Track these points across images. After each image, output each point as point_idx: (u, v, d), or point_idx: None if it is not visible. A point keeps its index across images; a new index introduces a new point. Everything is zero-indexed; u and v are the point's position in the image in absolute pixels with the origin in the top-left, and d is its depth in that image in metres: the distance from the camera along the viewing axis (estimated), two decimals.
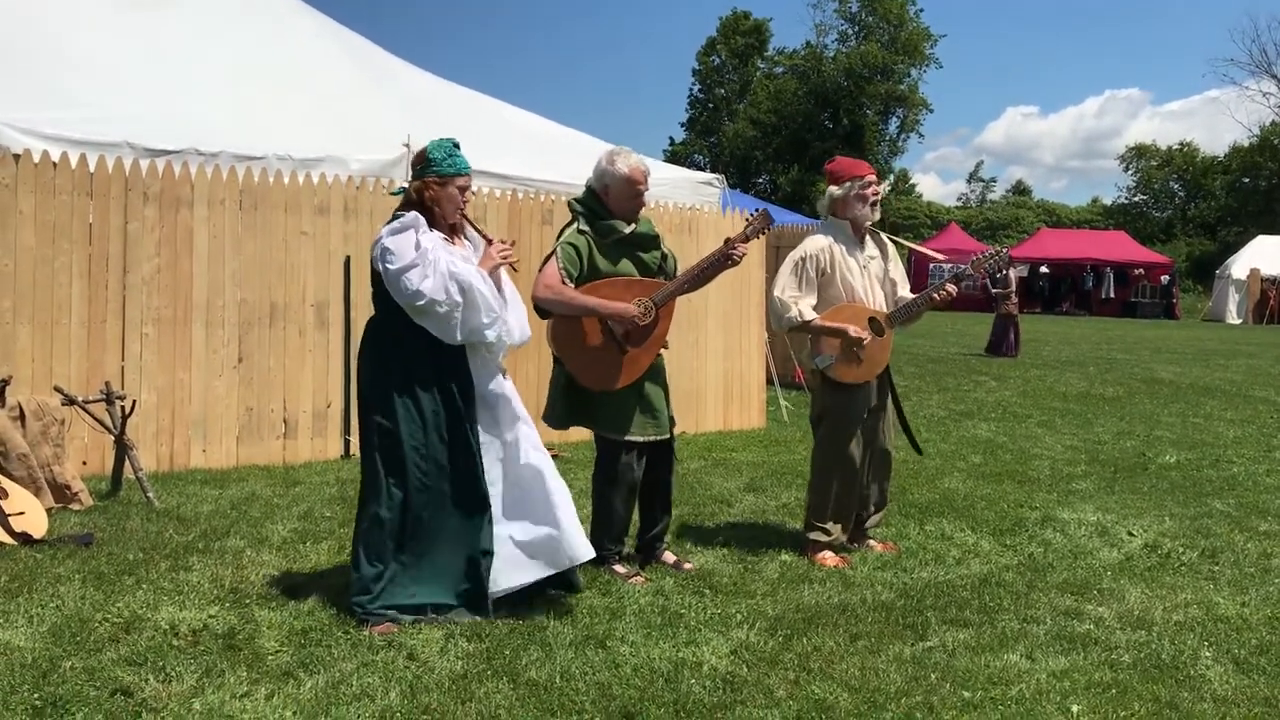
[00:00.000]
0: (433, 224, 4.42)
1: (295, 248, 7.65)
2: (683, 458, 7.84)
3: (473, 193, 4.75)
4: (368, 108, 9.47)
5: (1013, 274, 15.94)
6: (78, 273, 6.91)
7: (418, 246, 4.27)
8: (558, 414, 5.15)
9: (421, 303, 4.24)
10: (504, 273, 4.57)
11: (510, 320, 4.50)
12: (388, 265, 4.27)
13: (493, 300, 4.36)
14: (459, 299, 4.27)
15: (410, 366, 4.37)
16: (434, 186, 4.42)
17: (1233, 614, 4.76)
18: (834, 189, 5.48)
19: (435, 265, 4.24)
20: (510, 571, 4.45)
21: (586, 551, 4.49)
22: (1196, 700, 3.79)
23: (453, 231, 4.53)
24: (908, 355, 18.04)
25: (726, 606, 4.64)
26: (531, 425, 4.61)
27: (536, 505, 4.49)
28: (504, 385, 4.56)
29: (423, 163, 4.47)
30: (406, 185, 4.54)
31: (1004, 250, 5.72)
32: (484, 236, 4.59)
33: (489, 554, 4.42)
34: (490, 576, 4.42)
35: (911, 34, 55.42)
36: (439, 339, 4.34)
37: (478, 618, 4.35)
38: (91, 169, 6.97)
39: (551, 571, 4.50)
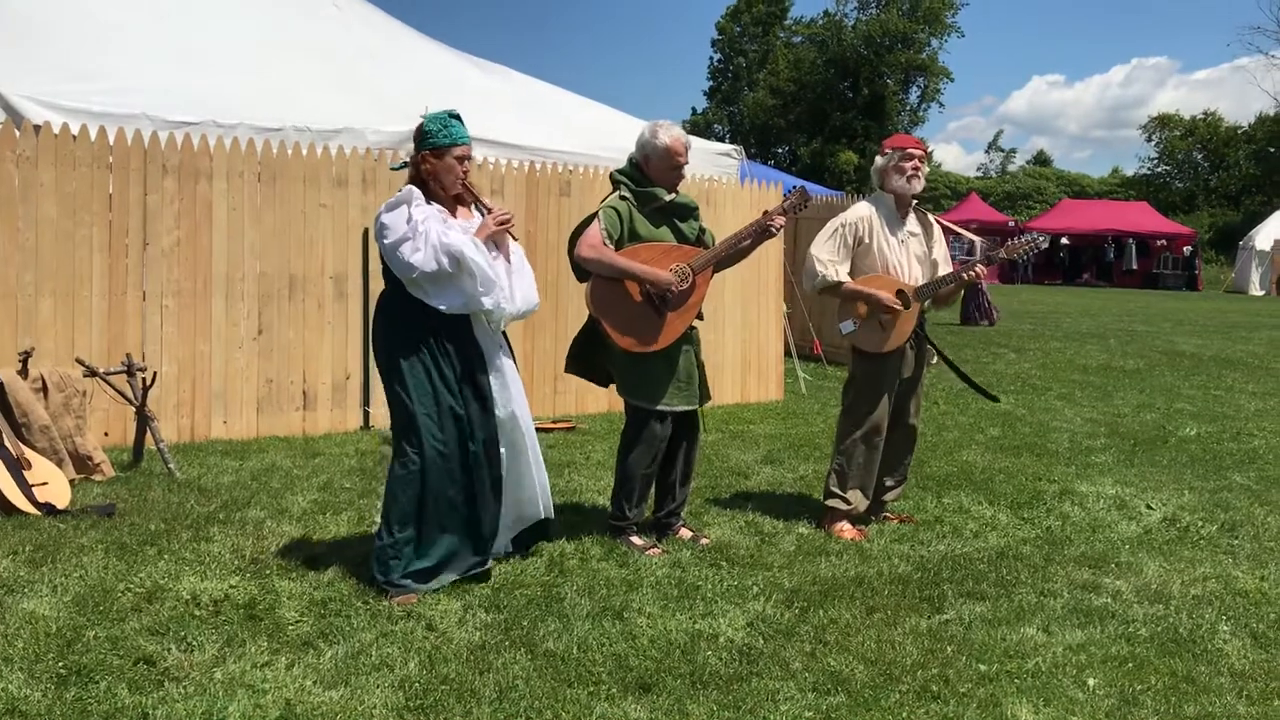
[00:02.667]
0: (434, 197, 4.47)
1: (314, 220, 7.66)
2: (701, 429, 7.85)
3: (473, 161, 4.79)
4: (385, 80, 9.45)
5: (978, 241, 15.63)
6: (98, 245, 6.94)
7: (409, 220, 4.32)
8: (579, 361, 5.27)
9: (414, 275, 4.31)
10: (512, 243, 4.61)
11: (515, 288, 4.54)
12: (383, 240, 4.36)
13: (487, 268, 4.38)
14: (451, 269, 4.31)
15: (420, 337, 4.42)
16: (430, 159, 4.46)
17: (1251, 588, 4.75)
18: (878, 159, 5.59)
19: (426, 237, 4.29)
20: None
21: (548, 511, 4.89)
22: (1214, 674, 3.79)
23: (458, 203, 4.57)
24: (929, 326, 17.95)
25: (743, 579, 4.66)
26: (525, 405, 4.76)
27: (524, 474, 4.75)
28: (505, 361, 4.65)
29: (420, 136, 4.51)
30: (408, 160, 4.58)
31: (1039, 237, 5.70)
32: (483, 206, 4.60)
33: (493, 532, 4.62)
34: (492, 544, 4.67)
35: (932, 2, 54.84)
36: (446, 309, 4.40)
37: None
38: (111, 141, 6.98)
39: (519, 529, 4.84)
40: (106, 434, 6.89)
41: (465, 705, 3.38)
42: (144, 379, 6.42)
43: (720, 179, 9.98)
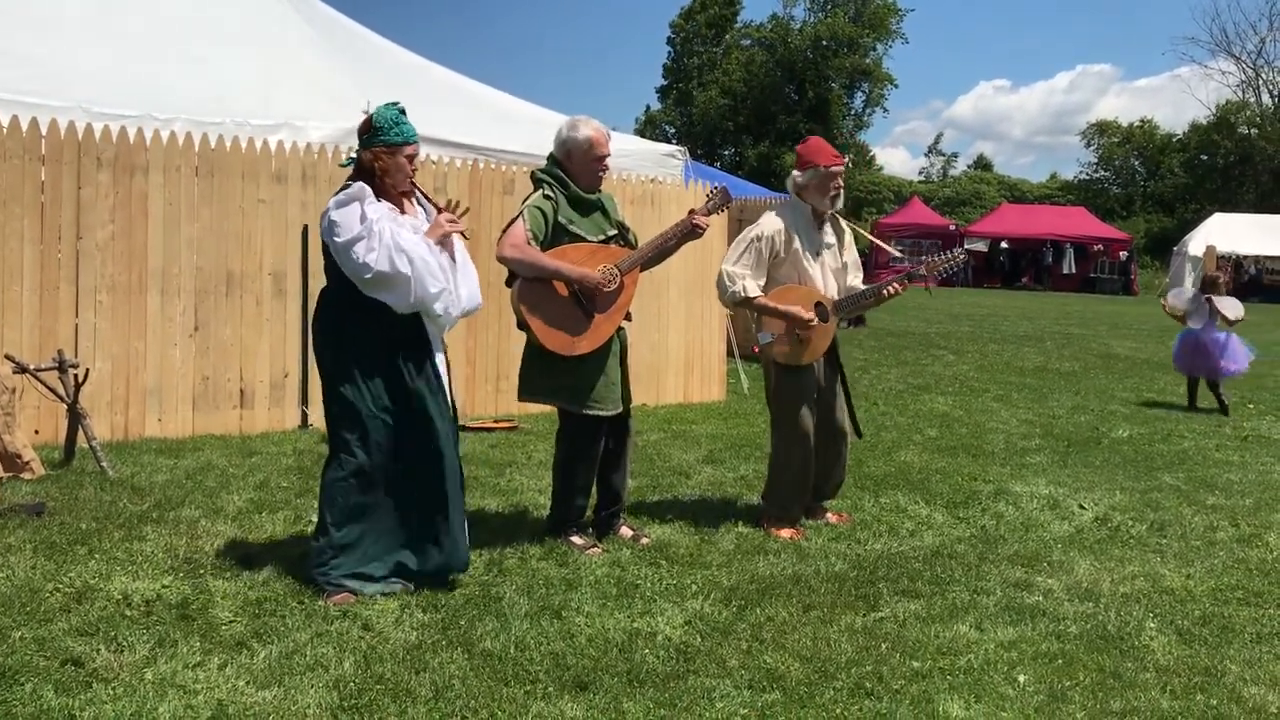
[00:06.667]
0: (382, 193, 4.37)
1: (252, 215, 7.57)
2: (643, 430, 7.86)
3: (421, 161, 4.72)
4: (327, 75, 9.36)
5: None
6: (29, 238, 6.81)
7: (363, 219, 4.23)
8: (529, 386, 5.13)
9: (369, 275, 4.22)
10: (458, 240, 4.54)
11: (460, 288, 4.46)
12: (335, 238, 4.25)
13: (439, 271, 4.33)
14: (406, 271, 4.23)
15: (365, 335, 4.34)
16: (383, 156, 4.36)
17: (1178, 586, 4.85)
18: (798, 174, 5.47)
19: (380, 237, 4.21)
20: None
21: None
22: (1140, 670, 3.87)
23: (404, 199, 4.50)
24: (867, 329, 18.15)
25: (682, 577, 4.68)
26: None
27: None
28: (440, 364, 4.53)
29: (369, 131, 4.40)
30: (355, 155, 4.46)
31: (958, 252, 5.75)
32: (434, 205, 4.55)
33: (450, 517, 4.45)
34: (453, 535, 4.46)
35: (877, 9, 55.45)
36: (391, 308, 4.31)
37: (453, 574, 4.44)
38: (44, 132, 6.85)
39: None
40: (37, 432, 6.76)
41: (400, 705, 3.37)
42: (76, 375, 6.30)
43: (665, 180, 10.00)
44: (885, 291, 5.50)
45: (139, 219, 7.16)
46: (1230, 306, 10.31)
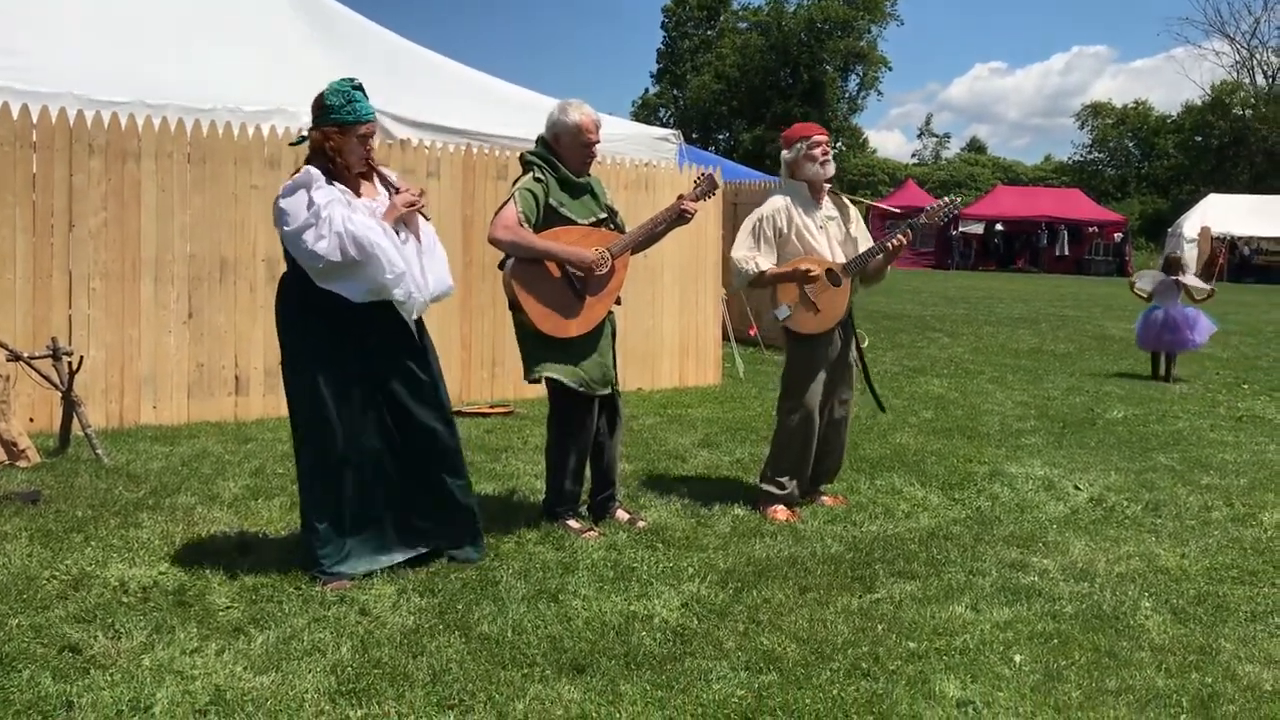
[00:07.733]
0: (336, 176, 4.21)
1: (245, 202, 7.54)
2: (638, 414, 7.87)
3: (377, 141, 4.59)
4: (318, 60, 9.31)
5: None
6: (21, 226, 6.78)
7: (310, 204, 4.07)
8: (533, 361, 5.10)
9: (320, 265, 4.07)
10: (423, 222, 4.40)
11: (427, 273, 4.31)
12: (284, 228, 4.11)
13: (395, 256, 4.15)
14: (358, 257, 4.07)
15: (327, 323, 4.21)
16: (335, 136, 4.19)
17: (1173, 565, 4.87)
18: (785, 153, 5.61)
19: (330, 223, 4.04)
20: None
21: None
22: (1135, 649, 3.88)
23: (362, 181, 4.33)
24: (863, 312, 18.09)
25: (678, 560, 4.68)
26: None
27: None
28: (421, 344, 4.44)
29: (321, 109, 4.22)
30: (307, 134, 4.29)
31: (956, 200, 5.80)
32: (390, 186, 4.38)
33: (455, 493, 4.46)
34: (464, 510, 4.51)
35: None
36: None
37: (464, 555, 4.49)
38: (34, 119, 6.82)
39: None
40: (32, 419, 6.75)
41: (398, 689, 3.37)
42: (70, 363, 6.28)
43: (659, 164, 9.98)
44: (890, 244, 5.53)
45: (131, 206, 7.13)
46: (1197, 284, 11.27)
